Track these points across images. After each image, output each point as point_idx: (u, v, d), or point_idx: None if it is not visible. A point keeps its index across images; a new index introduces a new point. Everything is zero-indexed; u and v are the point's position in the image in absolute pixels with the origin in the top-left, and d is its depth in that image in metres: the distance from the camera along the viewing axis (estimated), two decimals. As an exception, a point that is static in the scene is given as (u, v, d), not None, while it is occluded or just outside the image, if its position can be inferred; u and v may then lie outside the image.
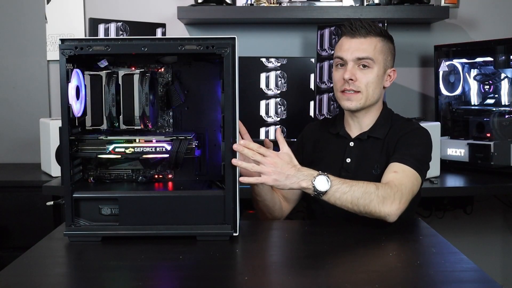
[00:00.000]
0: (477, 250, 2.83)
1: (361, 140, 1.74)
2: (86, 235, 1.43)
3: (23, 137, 2.78)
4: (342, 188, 1.47)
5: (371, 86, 1.67)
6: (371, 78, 1.67)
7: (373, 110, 1.74)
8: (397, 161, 1.61)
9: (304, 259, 1.35)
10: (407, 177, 1.57)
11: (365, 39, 1.67)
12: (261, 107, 2.52)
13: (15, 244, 2.35)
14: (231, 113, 1.41)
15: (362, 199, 1.47)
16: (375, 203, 1.47)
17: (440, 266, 1.27)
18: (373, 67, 1.67)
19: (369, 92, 1.68)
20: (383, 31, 1.71)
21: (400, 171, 1.58)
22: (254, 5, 2.59)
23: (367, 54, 1.66)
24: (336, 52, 1.73)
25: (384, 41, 1.70)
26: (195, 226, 1.43)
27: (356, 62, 1.67)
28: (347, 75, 1.66)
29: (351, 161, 1.73)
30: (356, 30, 1.67)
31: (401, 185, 1.53)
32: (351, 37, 1.69)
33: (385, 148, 1.71)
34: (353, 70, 1.67)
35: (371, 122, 1.75)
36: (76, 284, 1.22)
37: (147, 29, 2.57)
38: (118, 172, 1.59)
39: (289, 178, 1.46)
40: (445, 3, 2.56)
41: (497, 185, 2.24)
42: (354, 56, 1.67)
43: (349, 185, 1.48)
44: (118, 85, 1.50)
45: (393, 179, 1.55)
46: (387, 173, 1.59)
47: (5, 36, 2.75)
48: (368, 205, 1.47)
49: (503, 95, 2.39)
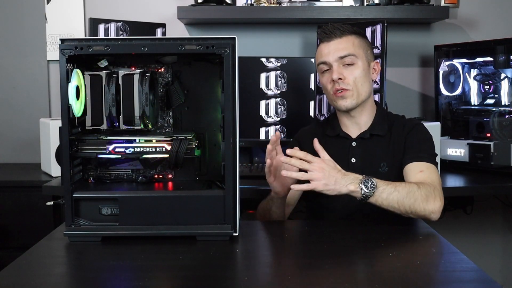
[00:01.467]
0: (477, 250, 2.83)
1: (364, 139, 1.75)
2: (86, 235, 1.43)
3: (23, 137, 2.78)
4: (387, 189, 1.49)
5: (359, 81, 1.70)
6: (358, 73, 1.70)
7: (367, 107, 1.75)
8: (416, 161, 1.65)
9: (304, 259, 1.36)
10: (434, 173, 1.63)
11: (342, 38, 1.71)
12: (261, 107, 2.52)
13: (15, 244, 2.35)
14: (231, 113, 1.41)
15: (407, 199, 1.49)
16: (419, 201, 1.50)
17: (440, 266, 1.27)
18: (356, 62, 1.70)
19: (358, 87, 1.70)
20: (355, 30, 1.74)
21: (424, 169, 1.62)
22: (254, 5, 2.59)
23: (347, 51, 1.70)
24: (317, 59, 1.76)
25: (359, 38, 1.74)
26: (195, 226, 1.43)
27: (340, 62, 1.70)
28: (335, 76, 1.69)
29: (356, 161, 1.73)
30: (331, 33, 1.71)
31: (434, 181, 1.58)
32: (328, 41, 1.72)
33: (391, 145, 1.73)
34: (339, 70, 1.70)
35: (368, 120, 1.76)
36: (76, 284, 1.22)
37: (147, 29, 2.57)
38: (118, 172, 1.59)
39: (338, 182, 1.47)
40: (445, 3, 2.56)
41: (497, 185, 2.24)
42: (336, 56, 1.70)
43: (393, 185, 1.50)
44: (118, 85, 1.50)
45: (425, 177, 1.59)
46: (414, 174, 1.62)
47: (5, 36, 2.75)
48: (413, 204, 1.49)
49: (503, 95, 2.39)
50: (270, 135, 2.52)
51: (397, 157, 1.72)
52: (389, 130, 1.75)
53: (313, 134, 1.81)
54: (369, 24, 2.38)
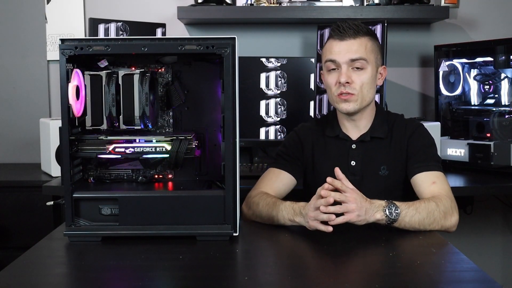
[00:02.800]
0: (477, 250, 2.82)
1: (364, 141, 1.72)
2: (86, 235, 1.43)
3: (23, 137, 2.77)
4: (409, 212, 1.49)
5: (366, 87, 1.66)
6: (366, 79, 1.65)
7: (368, 110, 1.72)
8: (425, 170, 1.65)
9: (304, 259, 1.36)
10: (445, 183, 1.64)
11: (355, 40, 1.65)
12: (261, 107, 2.52)
13: (15, 244, 2.35)
14: (231, 113, 1.41)
15: (427, 219, 1.50)
16: (438, 220, 1.52)
17: (440, 266, 1.27)
18: (366, 67, 1.65)
19: (364, 93, 1.66)
20: (369, 30, 1.69)
21: (436, 179, 1.63)
22: (254, 5, 2.59)
23: (359, 54, 1.64)
24: (326, 55, 1.69)
25: (372, 40, 1.69)
26: (195, 226, 1.43)
27: (350, 64, 1.64)
28: (343, 79, 1.63)
29: (356, 163, 1.72)
30: (345, 32, 1.65)
31: (448, 192, 1.60)
32: (341, 40, 1.66)
33: (392, 148, 1.71)
34: (348, 73, 1.64)
35: (368, 122, 1.74)
36: (76, 284, 1.22)
37: (147, 29, 2.57)
38: (118, 172, 1.59)
39: (367, 212, 1.46)
40: (445, 3, 2.56)
41: (497, 185, 2.24)
42: (347, 58, 1.64)
43: (414, 207, 1.50)
44: (118, 85, 1.50)
45: (439, 190, 1.60)
46: (427, 186, 1.62)
47: (5, 36, 2.75)
48: (432, 223, 1.51)
49: (503, 95, 2.39)
50: (270, 135, 2.52)
51: (398, 160, 1.70)
52: (389, 132, 1.73)
53: (313, 133, 1.80)
54: (369, 24, 2.36)
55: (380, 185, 1.70)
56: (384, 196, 1.53)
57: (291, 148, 1.78)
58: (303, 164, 1.78)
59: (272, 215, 1.57)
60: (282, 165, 1.75)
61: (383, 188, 1.69)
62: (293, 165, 1.76)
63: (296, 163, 1.77)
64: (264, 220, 1.60)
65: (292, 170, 1.75)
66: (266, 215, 1.59)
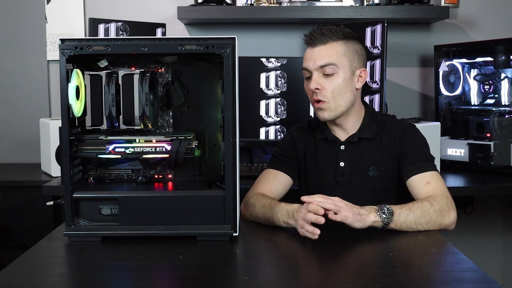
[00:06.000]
0: (477, 250, 2.83)
1: (352, 143, 1.72)
2: (86, 235, 1.43)
3: (23, 137, 2.78)
4: (403, 212, 1.49)
5: (338, 92, 1.64)
6: (337, 84, 1.64)
7: (353, 113, 1.71)
8: (419, 172, 1.63)
9: (304, 259, 1.36)
10: (440, 181, 1.62)
11: (325, 45, 1.65)
12: (261, 107, 2.52)
13: (15, 244, 2.35)
14: (231, 113, 1.41)
15: (423, 218, 1.50)
16: (434, 218, 1.51)
17: (440, 266, 1.27)
18: (337, 72, 1.64)
19: (336, 99, 1.65)
20: (346, 34, 1.67)
21: (430, 179, 1.62)
22: (254, 5, 2.59)
23: (328, 60, 1.63)
24: (303, 63, 1.70)
25: (347, 44, 1.66)
26: (195, 226, 1.43)
27: (320, 71, 1.64)
28: (312, 85, 1.64)
29: (345, 164, 1.72)
30: (316, 39, 1.65)
31: (443, 191, 1.59)
32: (313, 47, 1.67)
33: (381, 149, 1.71)
34: (318, 79, 1.64)
35: (356, 124, 1.73)
36: (76, 284, 1.23)
37: (147, 29, 2.57)
38: (118, 172, 1.59)
39: (360, 213, 1.46)
40: (445, 3, 2.56)
41: (497, 185, 2.24)
42: (317, 64, 1.64)
43: (407, 207, 1.51)
44: (118, 85, 1.50)
45: (433, 189, 1.59)
46: (421, 187, 1.61)
47: (5, 36, 2.75)
48: (429, 222, 1.51)
49: (503, 95, 2.39)
50: (270, 135, 2.52)
51: (388, 160, 1.70)
52: (379, 133, 1.72)
53: (306, 135, 1.81)
54: (369, 24, 2.38)
55: (369, 186, 1.70)
56: (375, 196, 1.53)
57: (285, 149, 1.80)
58: (297, 164, 1.80)
59: (268, 217, 1.58)
60: (278, 165, 1.77)
61: (372, 189, 1.70)
62: (289, 166, 1.77)
63: (292, 163, 1.78)
64: (261, 221, 1.61)
65: (288, 170, 1.76)
66: (263, 217, 1.60)
